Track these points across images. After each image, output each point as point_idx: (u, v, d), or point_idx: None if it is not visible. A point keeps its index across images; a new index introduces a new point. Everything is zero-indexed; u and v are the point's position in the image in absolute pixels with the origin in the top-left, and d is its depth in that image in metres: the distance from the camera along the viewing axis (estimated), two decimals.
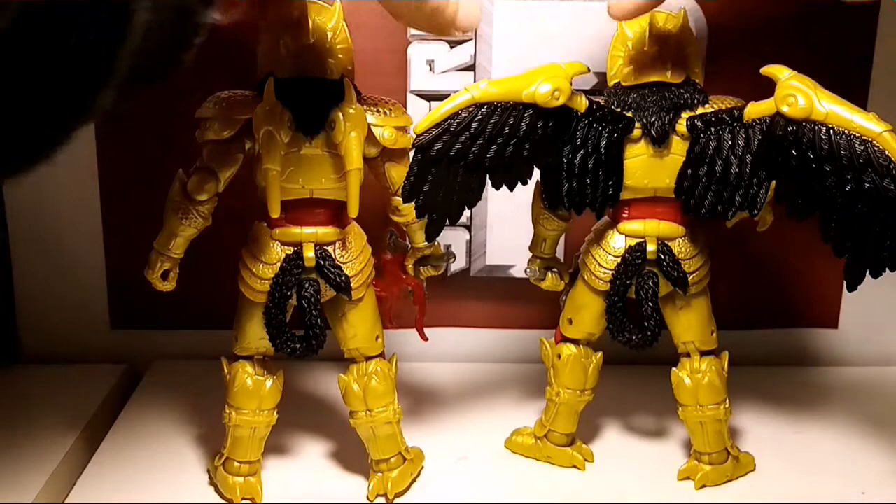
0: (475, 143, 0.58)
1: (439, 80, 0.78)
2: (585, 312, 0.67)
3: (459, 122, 0.58)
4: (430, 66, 0.78)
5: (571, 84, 0.59)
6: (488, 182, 0.61)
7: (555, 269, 0.69)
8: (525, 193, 0.79)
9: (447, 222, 0.60)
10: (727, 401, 0.66)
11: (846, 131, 0.55)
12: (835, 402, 0.80)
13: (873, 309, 0.87)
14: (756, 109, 0.59)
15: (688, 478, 0.67)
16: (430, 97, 0.79)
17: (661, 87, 0.61)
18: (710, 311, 0.66)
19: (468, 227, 0.82)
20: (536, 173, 0.63)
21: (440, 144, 0.57)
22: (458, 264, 0.83)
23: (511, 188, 0.61)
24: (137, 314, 0.85)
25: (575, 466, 0.69)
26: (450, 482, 0.68)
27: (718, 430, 0.66)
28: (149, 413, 0.76)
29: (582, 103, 0.60)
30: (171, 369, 0.83)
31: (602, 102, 0.62)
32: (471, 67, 0.78)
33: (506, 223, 0.82)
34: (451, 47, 0.78)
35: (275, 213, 0.59)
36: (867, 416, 0.78)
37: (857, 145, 0.55)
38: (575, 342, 0.68)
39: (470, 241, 0.83)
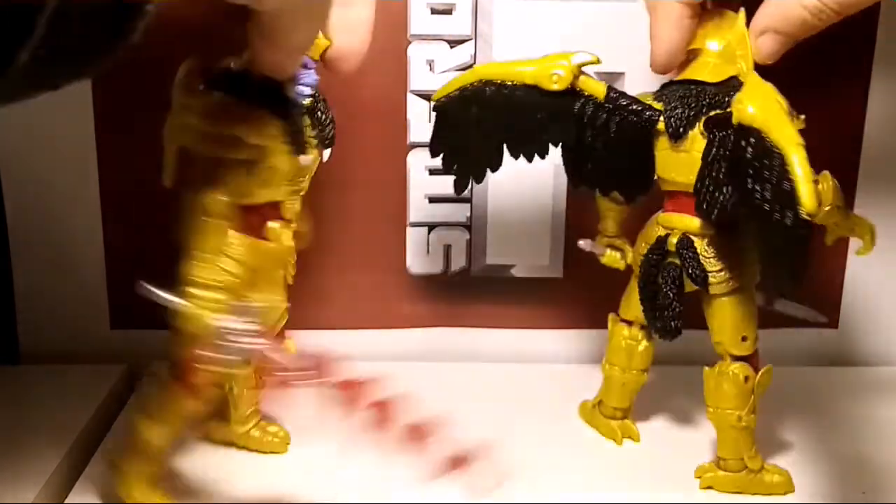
0: (486, 112, 0.62)
1: (439, 80, 0.78)
2: (633, 296, 0.68)
3: (472, 91, 0.62)
4: (430, 65, 0.78)
5: (579, 71, 0.61)
6: (489, 180, 0.61)
7: (617, 248, 0.71)
8: (525, 193, 0.79)
9: (473, 181, 0.66)
10: (747, 410, 0.65)
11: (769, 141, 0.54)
12: (835, 402, 0.80)
13: (873, 309, 0.87)
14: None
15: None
16: (430, 97, 0.79)
17: (697, 85, 0.61)
18: (743, 316, 0.64)
19: (468, 227, 0.82)
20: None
21: (455, 107, 0.63)
22: (458, 264, 0.83)
23: (529, 160, 0.64)
24: (137, 314, 0.84)
25: (613, 440, 0.72)
26: (450, 482, 0.68)
27: (734, 437, 0.65)
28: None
29: (600, 90, 0.61)
30: None
31: (622, 93, 0.62)
32: (471, 67, 0.78)
33: (506, 223, 0.82)
34: (452, 47, 0.78)
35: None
36: (866, 416, 0.78)
37: (773, 154, 0.53)
38: (628, 323, 0.70)
39: (470, 241, 0.83)
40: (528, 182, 0.80)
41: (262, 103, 0.58)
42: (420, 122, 0.79)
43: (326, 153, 0.62)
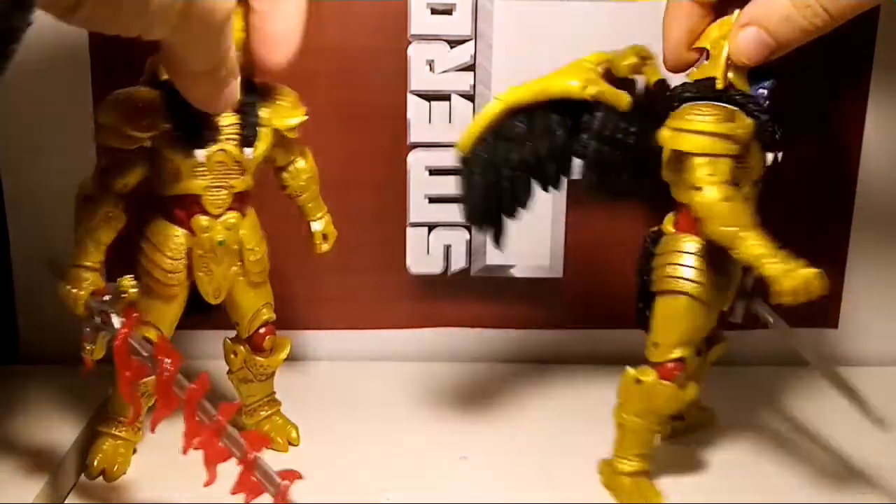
0: (513, 147, 0.60)
1: (439, 80, 0.78)
2: None
3: (497, 126, 0.59)
4: (430, 65, 0.78)
5: (601, 74, 0.60)
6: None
7: None
8: None
9: (506, 222, 0.63)
10: (626, 410, 0.64)
11: None
12: (835, 402, 0.80)
13: (873, 309, 0.87)
14: None
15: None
16: (430, 97, 0.79)
17: (685, 84, 0.62)
18: (664, 321, 0.62)
19: (468, 227, 0.82)
20: None
21: (482, 152, 0.60)
22: (458, 264, 0.83)
23: (556, 187, 0.63)
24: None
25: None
26: (450, 482, 0.68)
27: (617, 433, 0.65)
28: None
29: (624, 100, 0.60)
30: None
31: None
32: (471, 67, 0.78)
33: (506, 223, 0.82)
34: (452, 47, 0.78)
35: None
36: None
37: None
38: None
39: (470, 241, 0.83)
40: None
41: (164, 97, 0.59)
42: (420, 122, 0.79)
43: (248, 151, 0.62)
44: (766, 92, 0.60)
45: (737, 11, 0.60)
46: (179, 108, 0.59)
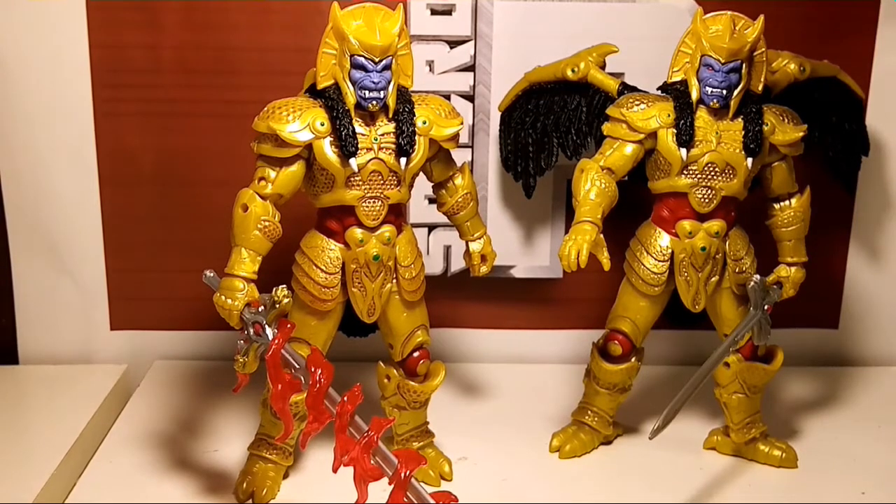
0: (539, 113, 0.72)
1: (439, 80, 0.78)
2: None
3: (525, 95, 0.72)
4: (429, 66, 0.78)
5: (598, 62, 0.69)
6: (489, 181, 0.61)
7: None
8: (523, 194, 0.79)
9: (533, 178, 0.75)
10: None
11: None
12: (835, 402, 0.80)
13: (873, 309, 0.87)
14: None
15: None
16: None
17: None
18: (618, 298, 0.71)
19: None
20: None
21: (515, 113, 0.74)
22: (458, 264, 0.83)
23: (577, 155, 0.71)
24: (137, 314, 0.85)
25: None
26: (450, 482, 0.68)
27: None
28: (149, 413, 0.76)
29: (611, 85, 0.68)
30: (171, 369, 0.83)
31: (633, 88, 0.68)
32: (471, 67, 0.78)
33: (506, 224, 0.82)
34: (452, 47, 0.78)
35: None
36: (867, 416, 0.78)
37: None
38: None
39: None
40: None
41: (321, 106, 0.59)
42: None
43: (403, 161, 0.61)
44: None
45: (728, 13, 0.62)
46: (336, 118, 0.58)
